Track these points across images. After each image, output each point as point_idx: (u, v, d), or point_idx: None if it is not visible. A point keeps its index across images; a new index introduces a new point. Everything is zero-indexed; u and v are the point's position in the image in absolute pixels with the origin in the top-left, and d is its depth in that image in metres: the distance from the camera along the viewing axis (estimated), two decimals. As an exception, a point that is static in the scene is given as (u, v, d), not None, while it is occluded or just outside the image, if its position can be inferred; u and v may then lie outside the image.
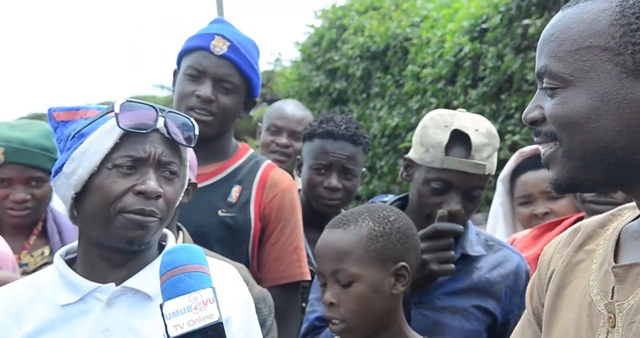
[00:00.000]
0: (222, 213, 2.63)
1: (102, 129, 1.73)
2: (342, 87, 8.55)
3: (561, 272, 1.39)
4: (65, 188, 1.76)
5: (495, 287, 2.36)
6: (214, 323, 1.25)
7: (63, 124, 1.81)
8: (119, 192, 1.70)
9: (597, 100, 1.23)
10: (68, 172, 1.74)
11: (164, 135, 1.76)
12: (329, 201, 3.06)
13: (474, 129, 2.29)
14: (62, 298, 1.75)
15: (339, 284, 2.02)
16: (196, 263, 1.35)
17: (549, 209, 3.03)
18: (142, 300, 1.75)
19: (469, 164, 2.27)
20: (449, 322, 2.31)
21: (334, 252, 2.04)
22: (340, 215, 2.12)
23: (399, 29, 7.45)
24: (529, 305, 1.48)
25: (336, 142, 3.03)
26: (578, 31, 1.26)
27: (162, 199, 1.73)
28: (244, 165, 2.73)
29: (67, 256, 1.86)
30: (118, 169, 1.71)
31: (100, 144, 1.72)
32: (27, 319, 1.75)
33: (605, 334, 1.26)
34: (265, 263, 2.65)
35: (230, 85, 2.64)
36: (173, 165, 1.77)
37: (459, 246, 2.38)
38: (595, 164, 1.26)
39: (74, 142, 1.75)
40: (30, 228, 2.89)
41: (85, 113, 1.79)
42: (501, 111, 5.63)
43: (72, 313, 1.74)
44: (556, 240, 1.47)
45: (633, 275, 1.26)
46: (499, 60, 5.59)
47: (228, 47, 2.64)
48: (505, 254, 2.42)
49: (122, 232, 1.71)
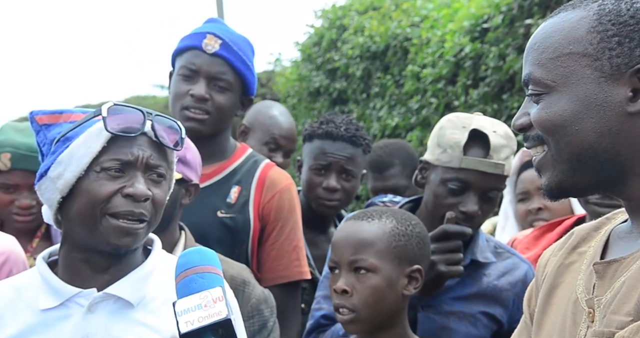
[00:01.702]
0: (221, 214, 2.62)
1: (89, 133, 1.72)
2: (342, 87, 8.54)
3: (554, 273, 1.44)
4: (50, 192, 1.75)
5: (503, 294, 2.34)
6: (223, 320, 1.31)
7: (46, 127, 1.80)
8: (107, 194, 1.70)
9: (579, 104, 1.30)
10: (54, 176, 1.73)
11: (152, 138, 1.75)
12: (327, 201, 3.05)
13: (492, 130, 2.29)
14: (42, 302, 1.74)
15: (354, 273, 2.04)
16: (208, 265, 1.40)
17: (542, 205, 3.06)
18: (124, 307, 1.74)
19: (488, 163, 2.26)
20: (455, 327, 2.30)
21: (356, 241, 2.06)
22: (364, 210, 2.14)
23: (399, 29, 7.44)
24: (527, 309, 1.52)
25: (335, 143, 3.02)
26: (558, 39, 1.33)
27: (150, 202, 1.72)
28: (242, 165, 2.71)
29: (50, 258, 1.84)
30: (106, 172, 1.71)
31: (88, 148, 1.71)
32: (7, 323, 1.74)
33: (585, 329, 1.30)
34: (265, 263, 2.65)
35: (225, 83, 2.63)
36: (161, 168, 1.76)
37: (469, 251, 2.36)
38: (582, 166, 1.31)
39: (59, 146, 1.74)
40: (33, 231, 2.88)
41: (69, 117, 1.78)
42: (503, 111, 5.61)
43: (52, 318, 1.73)
44: (554, 245, 1.51)
45: (611, 271, 1.31)
46: (500, 60, 5.57)
47: (220, 45, 2.62)
48: (514, 262, 2.41)
49: (109, 238, 1.70)
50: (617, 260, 1.31)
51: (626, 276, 1.27)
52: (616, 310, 1.26)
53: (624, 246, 1.34)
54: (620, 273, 1.29)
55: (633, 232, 1.35)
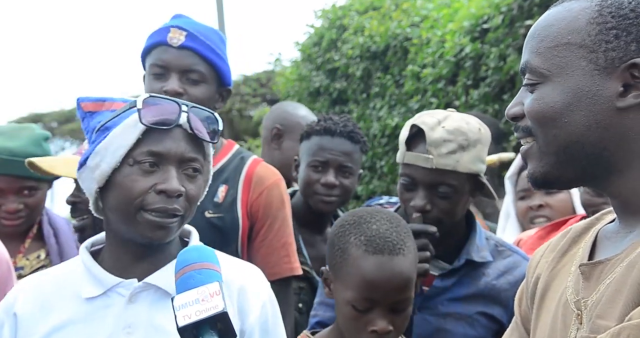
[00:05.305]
0: (209, 215, 2.60)
1: (125, 124, 1.72)
2: (342, 87, 8.52)
3: (546, 277, 1.43)
4: (89, 182, 1.77)
5: (502, 294, 2.33)
6: (219, 313, 1.34)
7: (90, 114, 1.80)
8: (140, 192, 1.70)
9: (570, 96, 1.29)
10: (92, 166, 1.74)
11: (187, 131, 1.74)
12: (325, 197, 3.03)
13: (439, 126, 2.27)
14: (86, 291, 1.76)
15: (394, 311, 1.99)
16: (206, 262, 1.43)
17: (543, 202, 3.05)
18: (163, 297, 1.75)
19: (422, 158, 2.27)
20: (451, 328, 2.29)
21: (404, 281, 2.00)
22: (384, 239, 2.01)
23: (399, 29, 7.42)
24: (518, 309, 1.52)
25: (334, 139, 3.01)
26: (559, 28, 1.32)
27: (184, 197, 1.72)
28: (229, 163, 2.69)
29: (93, 248, 1.86)
30: (139, 165, 1.71)
31: (123, 140, 1.71)
32: (53, 311, 1.76)
33: (575, 332, 1.30)
34: (255, 261, 2.62)
35: (197, 75, 2.57)
36: (196, 162, 1.76)
37: (464, 252, 2.35)
38: (568, 159, 1.31)
39: (98, 135, 1.75)
40: (25, 232, 2.87)
41: (112, 105, 1.79)
42: (503, 111, 5.59)
43: (95, 307, 1.75)
44: (546, 244, 1.51)
45: (597, 272, 1.30)
46: (500, 60, 5.57)
47: (185, 37, 2.57)
48: (515, 261, 2.38)
49: (144, 231, 1.72)
50: (602, 262, 1.30)
51: (611, 279, 1.26)
52: (601, 314, 1.24)
53: (611, 246, 1.33)
54: (605, 275, 1.28)
55: (620, 232, 1.34)
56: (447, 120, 2.31)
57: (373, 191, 7.57)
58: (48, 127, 21.29)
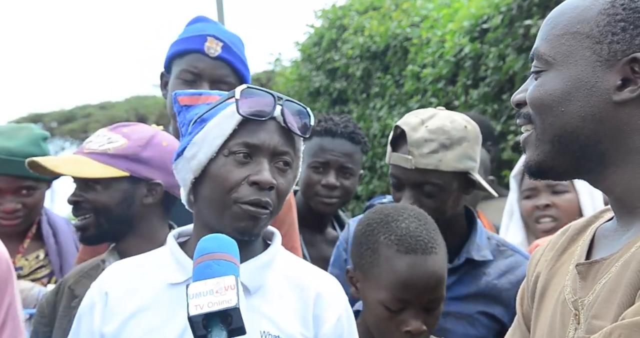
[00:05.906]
0: None
1: (223, 115, 1.75)
2: (342, 87, 8.52)
3: (546, 276, 1.42)
4: (185, 172, 1.79)
5: (503, 294, 2.32)
6: (231, 308, 1.32)
7: (186, 108, 1.84)
8: (234, 182, 1.72)
9: (570, 85, 1.29)
10: (189, 156, 1.77)
11: (280, 123, 1.76)
12: (326, 199, 3.02)
13: (422, 126, 2.28)
14: (171, 277, 1.79)
15: (426, 311, 1.98)
16: (225, 253, 1.41)
17: (550, 202, 3.02)
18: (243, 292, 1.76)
19: (401, 158, 2.29)
20: (452, 328, 2.29)
21: (438, 280, 1.99)
22: (415, 239, 1.99)
23: (399, 29, 7.42)
24: (519, 308, 1.51)
25: (335, 140, 3.01)
26: (570, 16, 1.31)
27: (275, 191, 1.74)
28: None
29: (179, 239, 1.89)
30: (234, 156, 1.73)
31: (220, 130, 1.74)
32: (137, 294, 1.80)
33: (573, 331, 1.29)
34: None
35: (227, 86, 2.60)
36: (287, 156, 1.78)
37: (464, 250, 2.35)
38: (563, 149, 1.30)
39: (195, 127, 1.78)
40: (24, 232, 2.87)
41: (207, 98, 1.83)
42: (503, 111, 5.61)
43: (178, 293, 1.75)
44: (545, 243, 1.50)
45: (593, 272, 1.29)
46: (500, 60, 5.57)
47: (222, 48, 2.60)
48: (517, 260, 2.38)
49: (235, 222, 1.73)
50: (598, 261, 1.29)
51: (607, 279, 1.26)
52: (597, 314, 1.24)
53: (608, 245, 1.33)
54: (601, 274, 1.27)
55: (617, 230, 1.33)
56: (432, 119, 2.31)
57: (373, 191, 7.57)
58: (48, 127, 21.30)
